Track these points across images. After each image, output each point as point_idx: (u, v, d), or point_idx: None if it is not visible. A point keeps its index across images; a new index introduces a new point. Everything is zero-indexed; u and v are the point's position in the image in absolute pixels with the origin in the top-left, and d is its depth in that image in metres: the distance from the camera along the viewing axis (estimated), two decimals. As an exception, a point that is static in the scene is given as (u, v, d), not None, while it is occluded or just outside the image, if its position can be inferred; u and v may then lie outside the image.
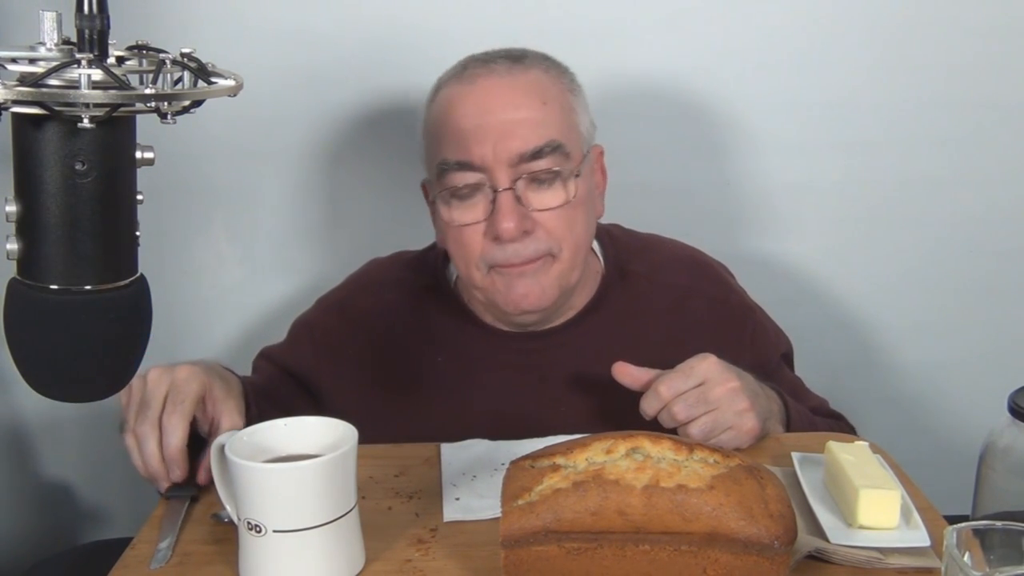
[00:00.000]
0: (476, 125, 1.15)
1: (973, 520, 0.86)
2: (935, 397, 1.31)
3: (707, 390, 1.07)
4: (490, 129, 1.14)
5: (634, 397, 1.19)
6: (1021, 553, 0.74)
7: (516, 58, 1.20)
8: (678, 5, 1.51)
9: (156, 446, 1.02)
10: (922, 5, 1.51)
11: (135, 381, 1.03)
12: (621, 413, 1.20)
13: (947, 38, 1.52)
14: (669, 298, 1.28)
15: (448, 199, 1.18)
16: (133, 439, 1.03)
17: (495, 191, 1.15)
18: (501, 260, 1.16)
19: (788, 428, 1.18)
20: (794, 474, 1.01)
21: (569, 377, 1.25)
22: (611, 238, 1.32)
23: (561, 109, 1.19)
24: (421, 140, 1.25)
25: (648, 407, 1.08)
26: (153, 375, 1.04)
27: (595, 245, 1.30)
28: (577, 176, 1.18)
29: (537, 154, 1.15)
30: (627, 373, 1.11)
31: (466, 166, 1.15)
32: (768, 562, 0.79)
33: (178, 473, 1.02)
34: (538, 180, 1.16)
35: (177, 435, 1.02)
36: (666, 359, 1.13)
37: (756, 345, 1.29)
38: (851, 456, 0.96)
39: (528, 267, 1.17)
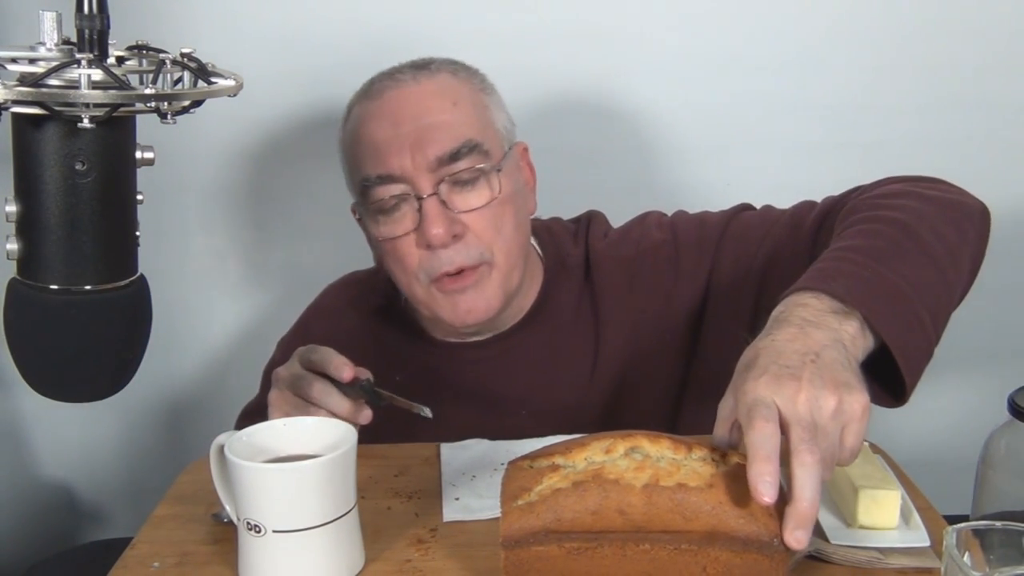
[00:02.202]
0: (390, 136, 1.14)
1: (973, 520, 0.86)
2: (935, 397, 1.31)
3: (763, 409, 0.78)
4: (404, 138, 1.13)
5: (594, 392, 1.19)
6: (1021, 553, 0.74)
7: (421, 66, 1.19)
8: (681, 7, 1.51)
9: (336, 392, 1.01)
10: (923, 5, 1.51)
11: (271, 392, 1.04)
12: (584, 409, 1.22)
13: (948, 38, 1.52)
14: (617, 274, 1.24)
15: (375, 215, 1.16)
16: (309, 404, 1.02)
17: (419, 199, 1.13)
18: (437, 269, 1.14)
19: (852, 296, 0.87)
20: (794, 474, 1.01)
21: (527, 380, 1.23)
22: (550, 233, 1.29)
23: (474, 108, 1.17)
24: (342, 164, 1.24)
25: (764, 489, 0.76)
26: (280, 370, 1.04)
27: (535, 242, 1.27)
28: (499, 171, 1.16)
29: (455, 155, 1.13)
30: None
31: (387, 179, 1.14)
32: (768, 560, 0.79)
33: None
34: (461, 181, 1.14)
35: (345, 371, 1.00)
36: (623, 335, 1.13)
37: (707, 249, 1.22)
38: (851, 456, 0.96)
39: (468, 279, 1.15)
